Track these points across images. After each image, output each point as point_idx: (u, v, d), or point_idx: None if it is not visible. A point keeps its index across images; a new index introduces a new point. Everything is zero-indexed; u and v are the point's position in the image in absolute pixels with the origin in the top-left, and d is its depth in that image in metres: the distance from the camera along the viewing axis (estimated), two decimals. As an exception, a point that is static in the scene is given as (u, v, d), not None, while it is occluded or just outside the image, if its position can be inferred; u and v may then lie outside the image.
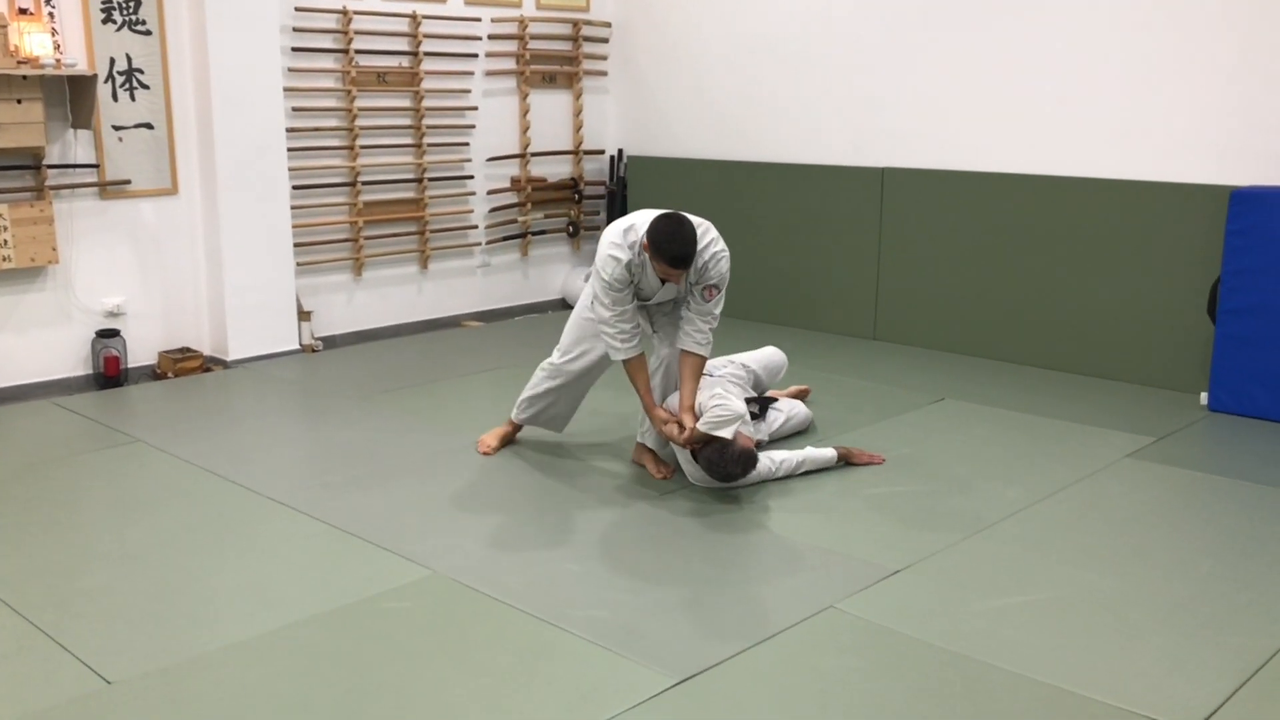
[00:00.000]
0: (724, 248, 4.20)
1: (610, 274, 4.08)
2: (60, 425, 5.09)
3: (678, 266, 3.99)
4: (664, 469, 4.38)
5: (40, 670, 2.94)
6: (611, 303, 4.12)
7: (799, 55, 6.88)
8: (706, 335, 4.20)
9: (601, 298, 4.14)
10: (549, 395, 4.55)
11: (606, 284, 4.09)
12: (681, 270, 4.02)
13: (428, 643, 3.09)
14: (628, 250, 4.09)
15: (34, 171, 5.47)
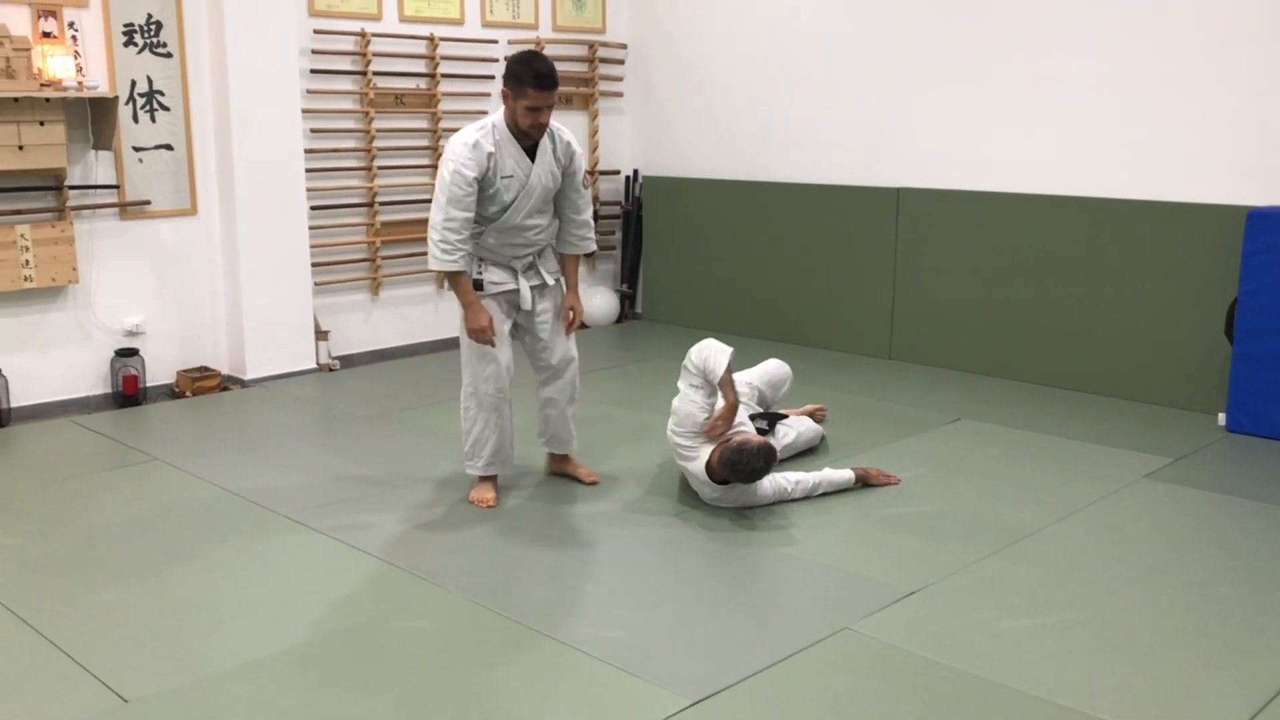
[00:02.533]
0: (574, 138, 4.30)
1: (458, 158, 3.93)
2: (79, 443, 5.13)
3: (545, 86, 3.93)
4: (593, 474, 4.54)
5: (58, 688, 2.95)
6: (447, 201, 3.93)
7: (813, 76, 6.90)
8: (587, 230, 4.32)
9: (439, 196, 3.97)
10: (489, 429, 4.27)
11: (452, 174, 3.92)
12: (549, 91, 3.95)
13: (442, 662, 3.10)
14: (476, 132, 4.03)
15: (55, 192, 5.53)
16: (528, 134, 4.03)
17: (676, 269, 7.75)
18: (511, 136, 4.05)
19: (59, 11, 5.45)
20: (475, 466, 4.32)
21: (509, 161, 4.04)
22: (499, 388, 4.24)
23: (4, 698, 2.90)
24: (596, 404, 5.74)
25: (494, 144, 4.02)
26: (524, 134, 4.03)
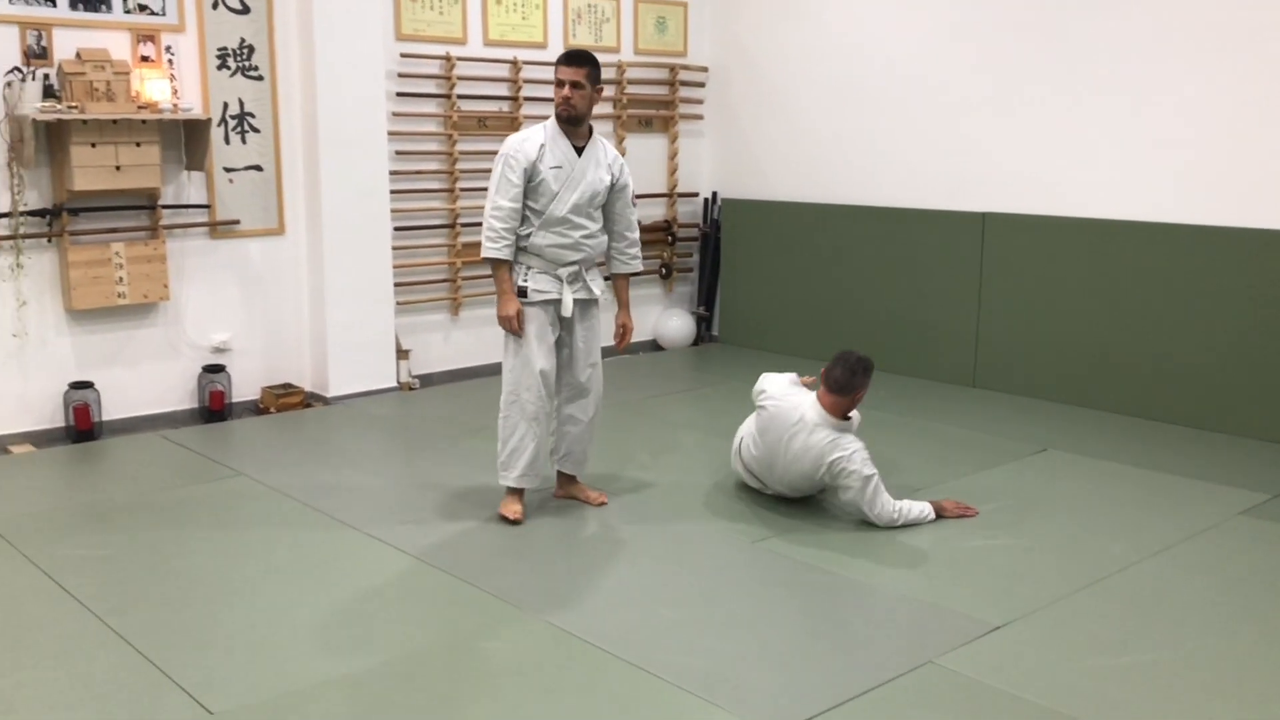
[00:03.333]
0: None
1: (508, 150, 4.17)
2: (167, 457, 5.24)
3: (568, 60, 4.14)
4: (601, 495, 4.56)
5: (147, 698, 3.00)
6: (495, 190, 4.15)
7: (898, 99, 6.84)
8: (636, 249, 4.48)
9: (491, 187, 4.19)
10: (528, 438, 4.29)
11: (502, 164, 4.16)
12: (572, 66, 4.11)
13: (521, 684, 3.09)
14: (529, 129, 4.26)
15: (149, 211, 5.68)
16: (560, 116, 4.16)
17: (754, 292, 7.71)
18: (561, 133, 4.20)
19: (157, 36, 5.61)
20: (508, 477, 4.34)
21: (557, 153, 4.19)
22: (540, 396, 4.27)
23: (94, 707, 2.96)
24: (669, 427, 5.73)
25: (545, 137, 4.20)
26: (568, 124, 4.17)
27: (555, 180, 4.17)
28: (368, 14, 6.12)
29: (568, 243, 4.23)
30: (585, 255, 4.29)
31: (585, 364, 4.41)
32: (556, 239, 4.21)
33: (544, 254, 4.22)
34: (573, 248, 4.24)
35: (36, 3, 5.27)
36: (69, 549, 4.05)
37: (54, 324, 5.51)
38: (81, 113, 5.17)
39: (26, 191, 5.33)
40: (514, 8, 6.91)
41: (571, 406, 4.44)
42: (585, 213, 4.24)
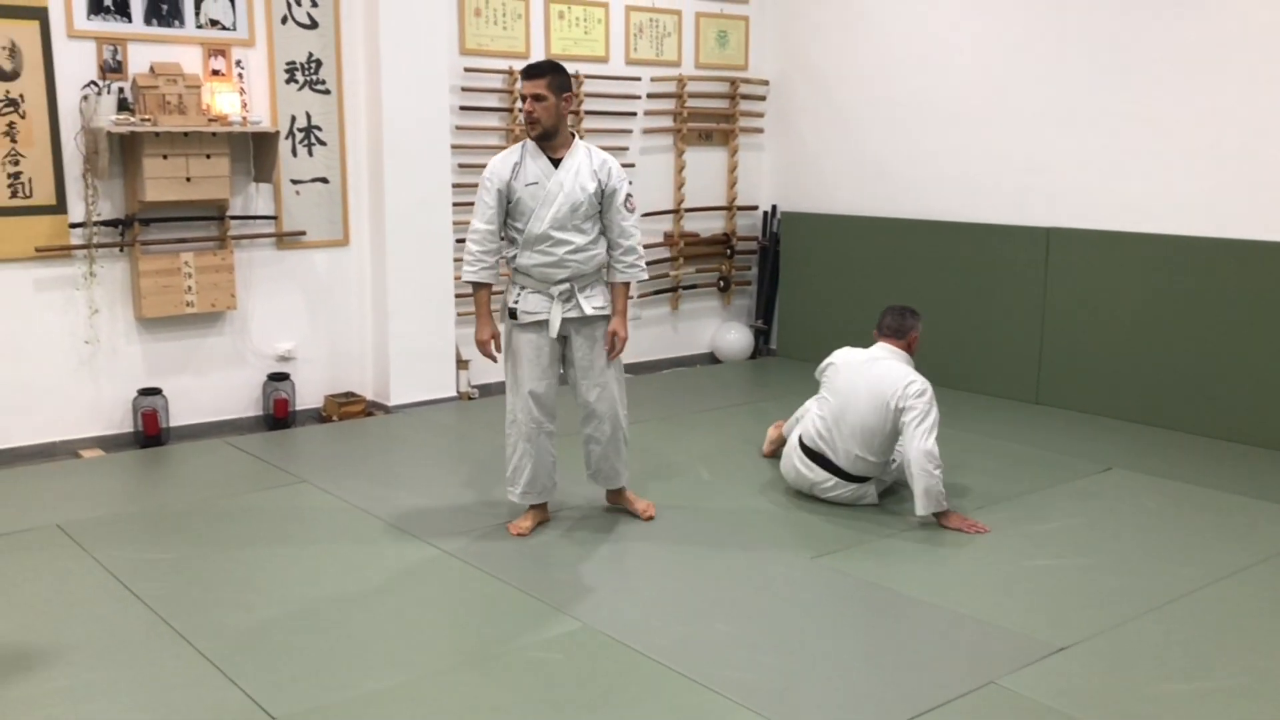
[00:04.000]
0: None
1: (486, 173, 4.18)
2: (232, 463, 5.33)
3: (525, 74, 4.08)
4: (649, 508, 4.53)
5: (211, 702, 3.05)
6: (475, 214, 4.18)
7: (962, 112, 6.78)
8: (633, 255, 4.25)
9: (476, 207, 4.19)
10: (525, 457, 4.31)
11: (482, 183, 4.18)
12: (529, 80, 4.05)
13: (577, 695, 3.10)
14: (507, 150, 4.25)
15: (218, 222, 5.79)
16: (529, 132, 4.12)
17: (813, 305, 7.68)
18: (539, 148, 4.16)
19: (228, 51, 5.73)
20: (514, 493, 4.37)
21: (534, 169, 4.13)
22: (533, 418, 4.25)
23: (159, 709, 3.01)
24: (727, 440, 5.72)
25: (520, 155, 4.16)
26: (539, 138, 4.12)
27: (532, 198, 4.10)
28: (433, 29, 6.20)
29: (552, 260, 4.12)
30: (573, 271, 4.14)
31: (589, 384, 4.27)
32: (541, 257, 4.12)
33: (532, 273, 4.17)
34: (558, 265, 4.13)
35: (113, 18, 5.41)
36: (136, 552, 4.13)
37: (124, 331, 5.64)
38: (154, 125, 5.29)
39: (100, 202, 5.46)
40: (576, 22, 6.96)
41: (588, 427, 4.38)
42: (569, 226, 4.10)
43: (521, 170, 4.12)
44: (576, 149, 4.17)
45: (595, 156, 4.19)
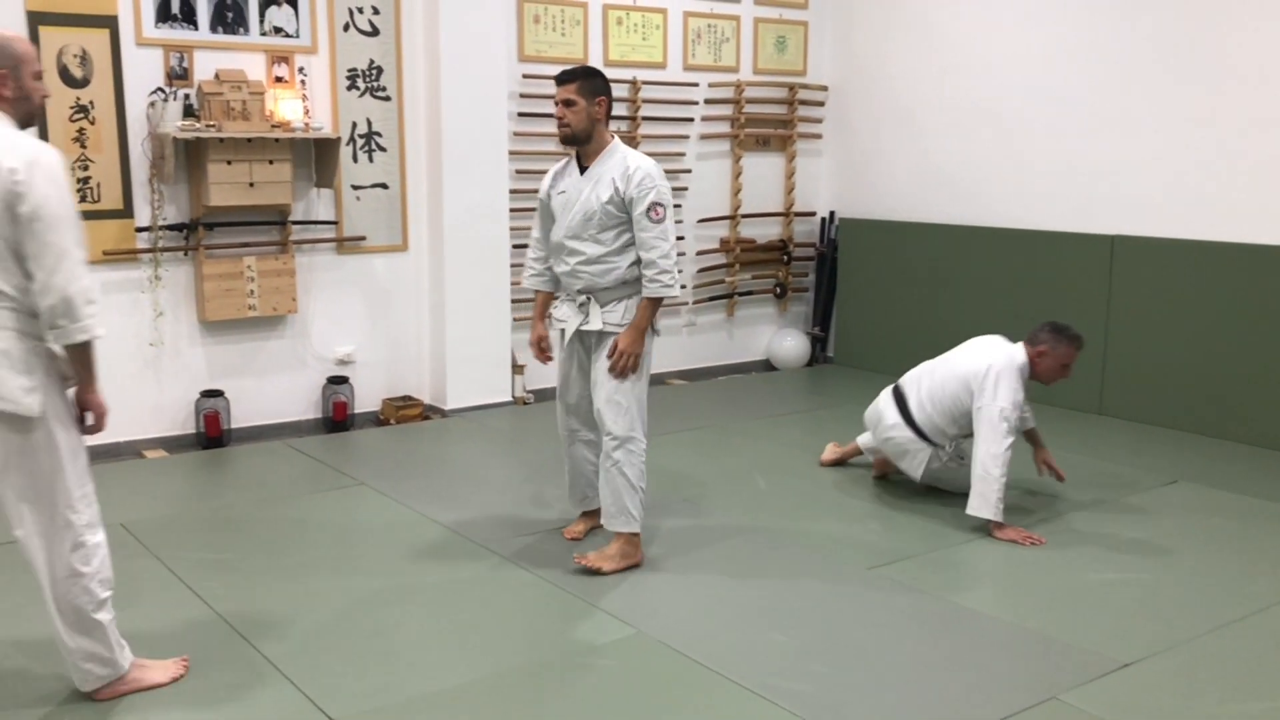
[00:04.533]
0: (656, 167, 3.98)
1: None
2: (292, 465, 5.39)
3: (558, 79, 4.00)
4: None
5: (270, 700, 3.08)
6: (537, 219, 4.22)
7: (1023, 117, 6.69)
8: (653, 269, 3.90)
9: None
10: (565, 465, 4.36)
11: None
12: (562, 84, 3.96)
13: (630, 702, 3.09)
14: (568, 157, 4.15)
15: (280, 227, 5.86)
16: (560, 137, 4.04)
17: (871, 313, 7.61)
18: (575, 155, 4.10)
19: (291, 58, 5.80)
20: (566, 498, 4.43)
21: (567, 179, 4.09)
22: (563, 424, 4.27)
23: (218, 707, 3.05)
24: (783, 448, 5.68)
25: (565, 163, 4.15)
26: (569, 143, 4.04)
27: (559, 206, 4.06)
28: (492, 36, 6.24)
29: (566, 270, 4.02)
30: (587, 283, 3.97)
31: (598, 397, 4.02)
32: (561, 266, 4.06)
33: (561, 282, 4.14)
34: (572, 275, 4.00)
35: (180, 26, 5.50)
36: (197, 552, 4.19)
37: (188, 334, 5.73)
38: (219, 131, 5.38)
39: (166, 206, 5.56)
40: (634, 28, 6.97)
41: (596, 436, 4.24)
42: (583, 236, 3.94)
43: (559, 178, 4.11)
44: (609, 156, 3.97)
45: (625, 163, 3.94)
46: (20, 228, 2.71)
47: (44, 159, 2.76)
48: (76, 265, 2.76)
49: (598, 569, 3.95)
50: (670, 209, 3.93)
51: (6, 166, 2.70)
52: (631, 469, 3.96)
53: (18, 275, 2.76)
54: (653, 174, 3.91)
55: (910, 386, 4.80)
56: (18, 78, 2.83)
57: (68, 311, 2.75)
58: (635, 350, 3.93)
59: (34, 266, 2.73)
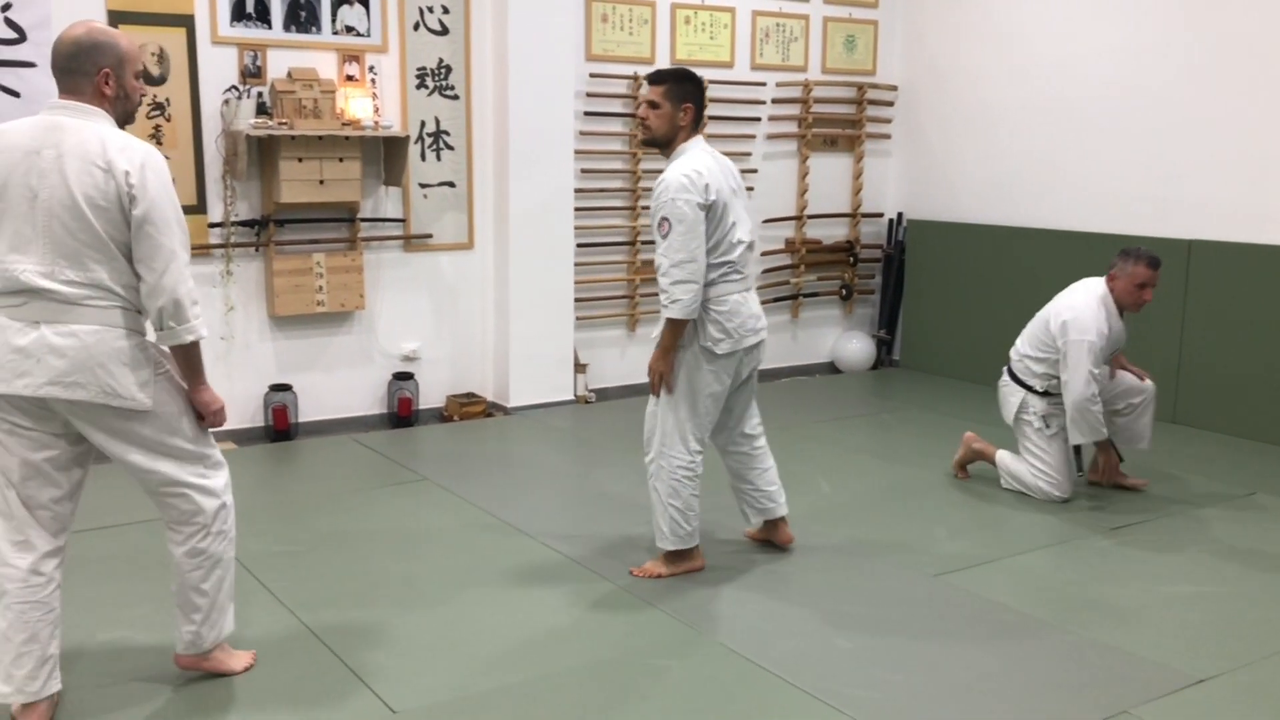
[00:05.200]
0: (684, 178, 3.65)
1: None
2: (357, 459, 5.45)
3: (649, 82, 3.87)
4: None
5: (335, 692, 3.11)
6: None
7: (1097, 118, 6.55)
8: (663, 290, 3.70)
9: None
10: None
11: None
12: (652, 87, 3.82)
13: (691, 704, 3.07)
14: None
15: (349, 224, 5.93)
16: (640, 138, 3.96)
17: (939, 316, 7.51)
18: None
19: (362, 56, 5.87)
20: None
21: None
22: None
23: (284, 698, 3.08)
24: (847, 452, 5.62)
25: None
26: (647, 145, 3.95)
27: None
28: (560, 35, 6.26)
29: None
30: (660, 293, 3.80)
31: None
32: None
33: None
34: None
35: (254, 25, 5.59)
36: (266, 544, 4.25)
37: (258, 329, 5.81)
38: (290, 129, 5.45)
39: (238, 203, 5.65)
40: (703, 27, 6.95)
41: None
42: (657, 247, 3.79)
43: None
44: (671, 163, 3.80)
45: (664, 174, 3.76)
46: (133, 229, 2.76)
47: (153, 160, 2.80)
48: (183, 267, 2.81)
49: (655, 575, 3.93)
50: (685, 222, 3.63)
51: (121, 169, 2.74)
52: (661, 484, 3.88)
53: (128, 274, 2.81)
54: (671, 186, 3.66)
55: (1021, 333, 5.03)
56: (120, 76, 2.87)
57: (176, 313, 2.79)
58: (658, 368, 3.80)
59: (143, 268, 2.78)
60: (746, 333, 3.85)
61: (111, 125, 2.85)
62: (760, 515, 4.19)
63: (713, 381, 3.84)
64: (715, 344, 3.79)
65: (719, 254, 3.77)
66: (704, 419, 3.88)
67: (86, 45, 2.82)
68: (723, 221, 3.76)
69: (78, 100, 2.83)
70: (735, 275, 3.83)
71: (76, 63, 2.82)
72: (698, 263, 3.66)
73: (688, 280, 3.66)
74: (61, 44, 2.84)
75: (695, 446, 3.87)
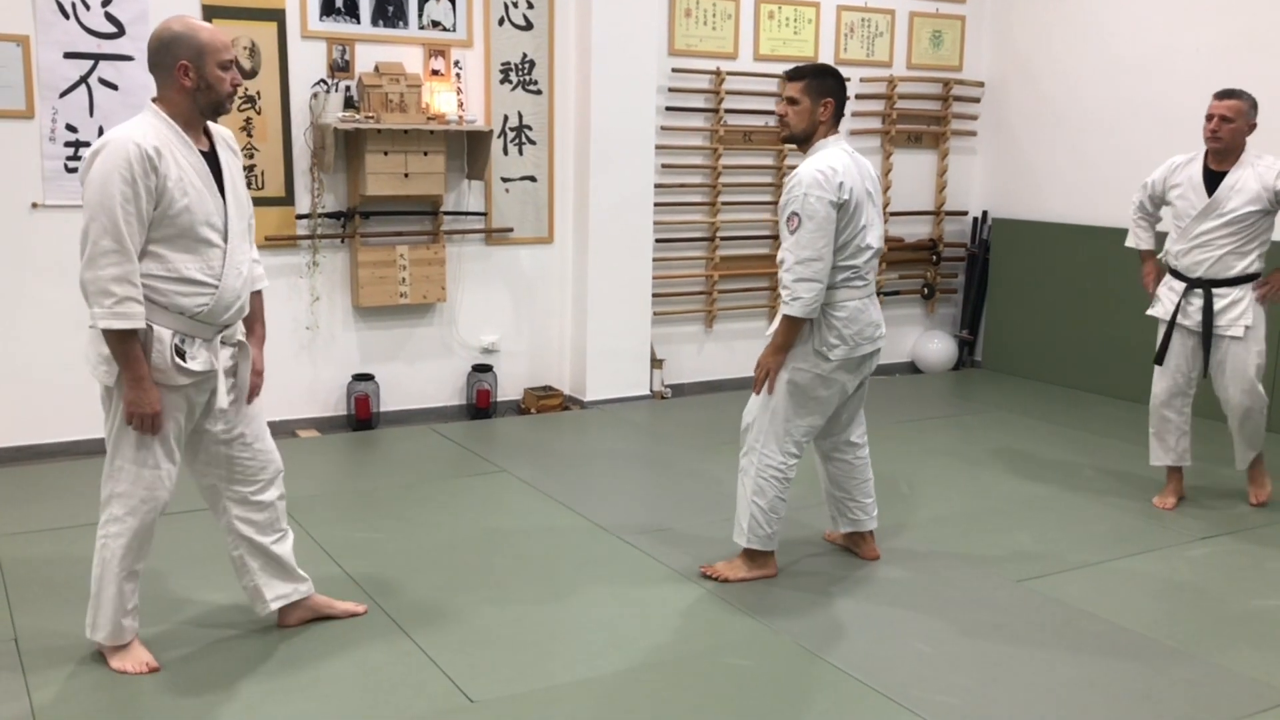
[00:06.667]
0: (818, 174, 3.61)
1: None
2: (436, 450, 5.50)
3: (788, 78, 3.76)
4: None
5: (413, 680, 3.15)
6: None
7: (1189, 117, 6.34)
8: (781, 285, 3.66)
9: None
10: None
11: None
12: (790, 83, 3.73)
13: (768, 704, 3.05)
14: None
15: (432, 217, 5.99)
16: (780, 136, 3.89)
17: (1023, 317, 7.36)
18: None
19: (447, 51, 5.92)
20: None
21: None
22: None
23: (361, 684, 3.13)
24: (929, 454, 5.54)
25: None
26: (787, 141, 3.90)
27: None
28: (643, 30, 6.25)
29: None
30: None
31: None
32: None
33: None
34: None
35: (343, 20, 5.67)
36: (346, 530, 4.31)
37: (342, 319, 5.90)
38: (377, 123, 5.52)
39: (325, 195, 5.74)
40: (786, 23, 6.89)
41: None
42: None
43: None
44: (807, 158, 3.75)
45: (797, 169, 3.73)
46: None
47: (112, 148, 2.86)
48: (100, 255, 2.84)
49: (724, 578, 3.88)
50: (815, 219, 3.58)
51: (86, 157, 2.91)
52: (749, 481, 3.82)
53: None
54: (805, 181, 3.62)
55: None
56: (200, 67, 2.93)
57: (86, 299, 2.88)
58: (767, 364, 3.75)
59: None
60: (863, 340, 3.75)
61: (145, 115, 2.95)
62: (851, 526, 4.11)
63: (820, 386, 3.76)
64: (830, 349, 3.71)
65: (845, 257, 3.68)
66: (806, 424, 3.80)
67: (166, 39, 2.93)
68: (853, 223, 3.67)
69: (159, 93, 2.96)
70: (859, 281, 3.73)
71: (157, 57, 2.94)
72: (824, 261, 3.60)
73: (812, 279, 3.59)
74: (149, 41, 2.98)
75: (792, 450, 3.80)
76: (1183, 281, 4.63)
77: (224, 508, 3.23)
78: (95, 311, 2.84)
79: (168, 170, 2.88)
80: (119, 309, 2.83)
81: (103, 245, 2.82)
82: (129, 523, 3.04)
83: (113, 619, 3.10)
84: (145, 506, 3.03)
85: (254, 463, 3.22)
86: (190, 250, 2.95)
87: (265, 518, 3.26)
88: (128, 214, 2.83)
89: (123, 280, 2.83)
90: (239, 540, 3.26)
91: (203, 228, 2.96)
